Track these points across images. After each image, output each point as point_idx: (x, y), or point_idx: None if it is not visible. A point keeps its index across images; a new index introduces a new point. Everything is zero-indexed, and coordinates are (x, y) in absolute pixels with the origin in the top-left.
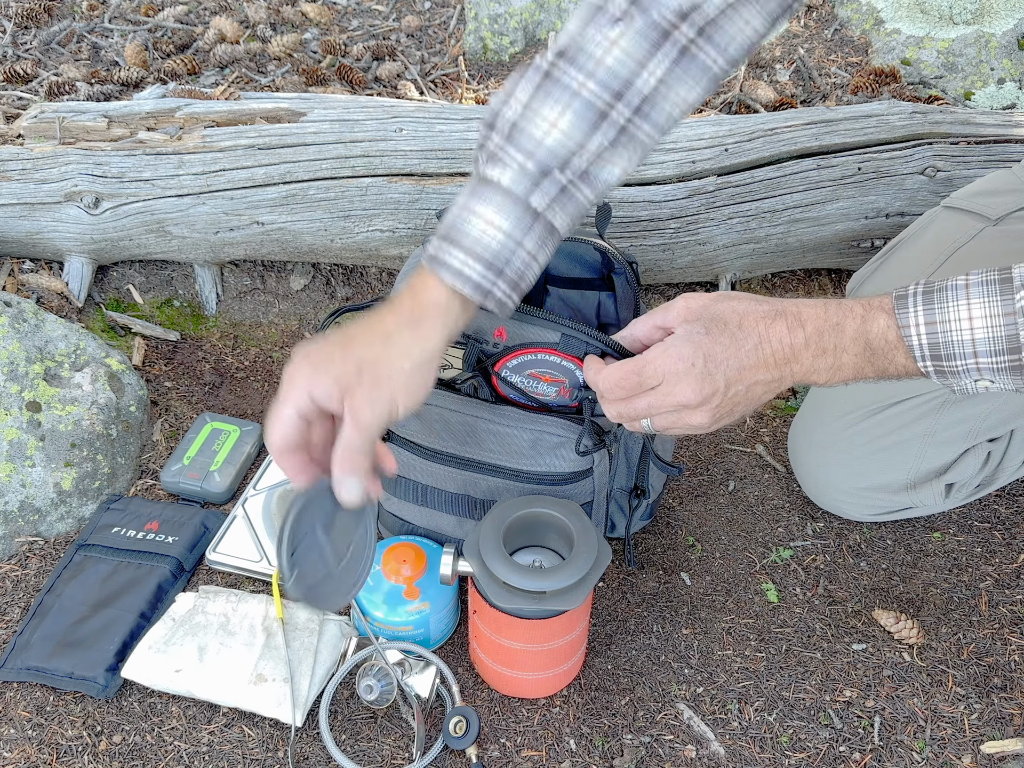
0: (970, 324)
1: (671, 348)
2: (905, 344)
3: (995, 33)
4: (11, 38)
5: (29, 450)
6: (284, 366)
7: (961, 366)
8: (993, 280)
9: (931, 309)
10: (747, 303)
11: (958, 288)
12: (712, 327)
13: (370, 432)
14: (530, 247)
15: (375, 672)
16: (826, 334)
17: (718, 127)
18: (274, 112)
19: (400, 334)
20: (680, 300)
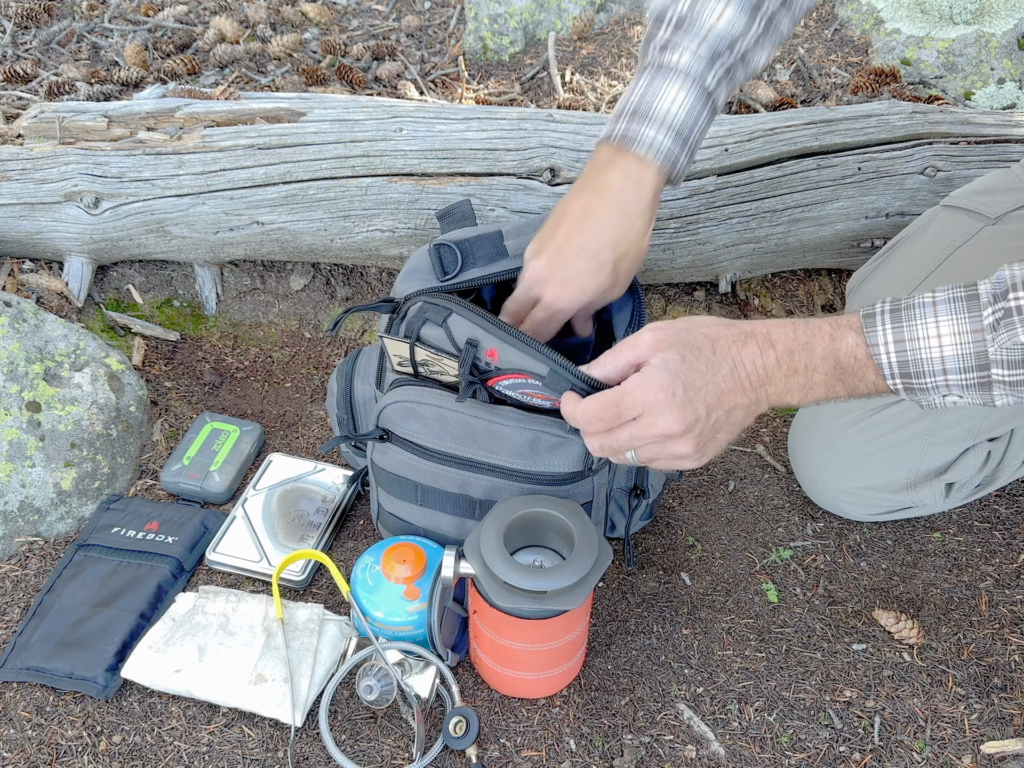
0: (939, 342)
1: (649, 378)
2: (874, 362)
3: (995, 33)
4: (11, 38)
5: (29, 450)
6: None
7: (931, 383)
8: (960, 297)
9: (899, 327)
10: (716, 328)
11: (925, 305)
12: (687, 354)
13: None
14: (702, 122)
15: (375, 672)
16: (796, 353)
17: (718, 127)
18: (274, 112)
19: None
20: (647, 332)
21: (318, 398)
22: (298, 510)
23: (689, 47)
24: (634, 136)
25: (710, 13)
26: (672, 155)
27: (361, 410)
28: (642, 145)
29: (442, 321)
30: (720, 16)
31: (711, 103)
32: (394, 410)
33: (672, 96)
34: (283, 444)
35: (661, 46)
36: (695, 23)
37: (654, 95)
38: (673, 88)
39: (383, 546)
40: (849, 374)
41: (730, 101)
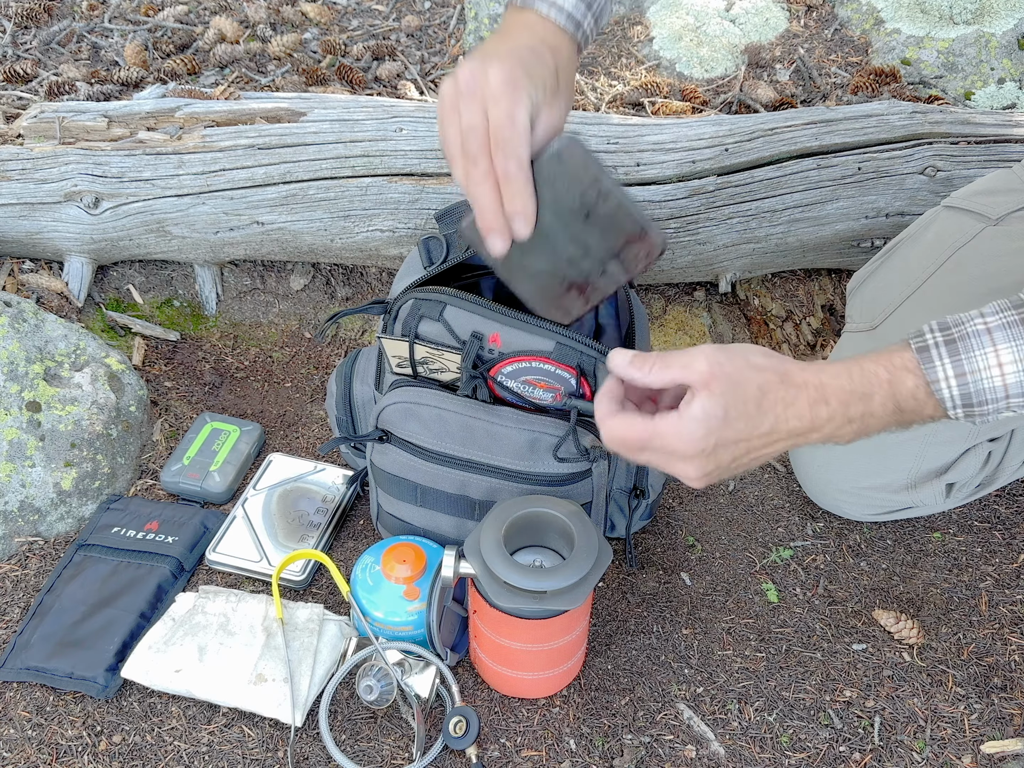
0: (1000, 371)
1: (684, 430)
2: (936, 398)
3: (995, 33)
4: (11, 38)
5: (29, 450)
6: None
7: (992, 408)
8: (1015, 322)
9: (958, 360)
10: (769, 375)
11: (981, 334)
12: (731, 409)
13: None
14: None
15: (375, 672)
16: (852, 405)
17: (718, 127)
18: (274, 112)
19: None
20: (702, 358)
21: (318, 398)
22: (298, 510)
23: None
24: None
25: None
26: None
27: (360, 411)
28: (542, 3)
29: (439, 315)
30: None
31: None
32: (393, 411)
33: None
34: (283, 444)
35: None
36: None
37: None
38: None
39: (383, 546)
40: (908, 413)
41: (730, 101)
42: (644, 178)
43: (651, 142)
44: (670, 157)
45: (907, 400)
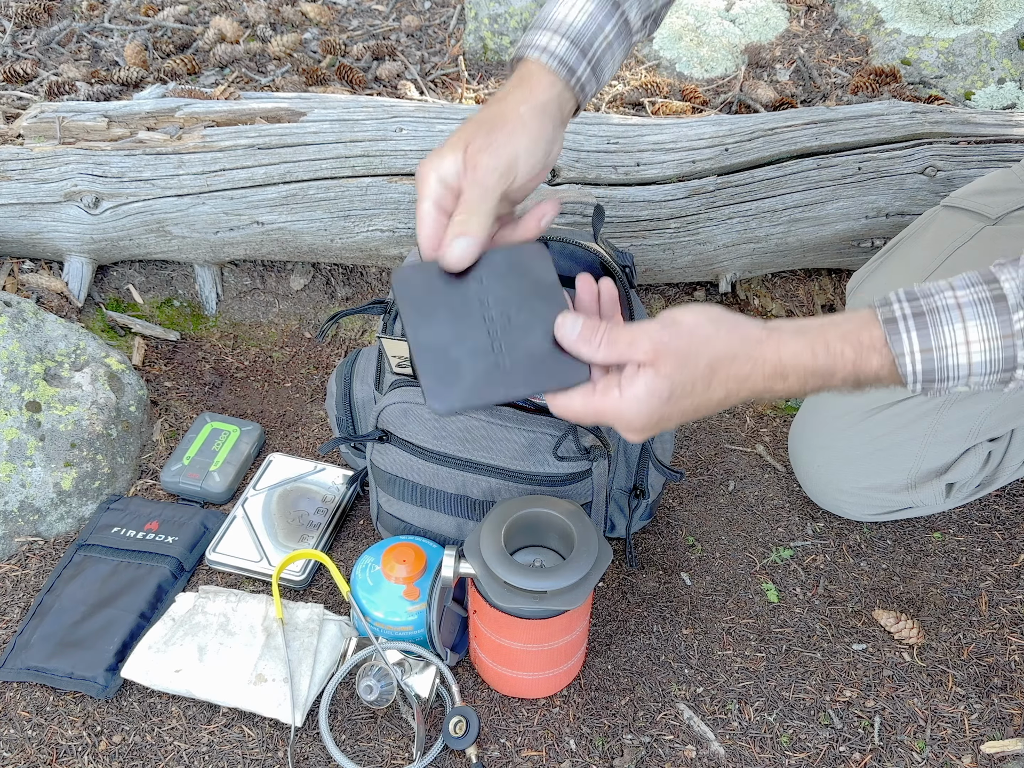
0: (967, 348)
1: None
2: (899, 372)
3: (995, 33)
4: (11, 38)
5: (29, 450)
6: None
7: (951, 384)
8: (987, 299)
9: (925, 333)
10: (720, 349)
11: (950, 308)
12: (676, 388)
13: (488, 179)
14: (610, 33)
15: (375, 672)
16: (810, 381)
17: (718, 127)
18: (274, 112)
19: (511, 92)
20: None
21: (318, 398)
22: (298, 510)
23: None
24: (529, 43)
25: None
26: (568, 61)
27: (360, 411)
28: (535, 50)
29: None
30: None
31: (620, 15)
32: (393, 411)
33: (571, 3)
34: (283, 444)
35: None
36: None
37: (555, 4)
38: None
39: (383, 546)
40: (865, 385)
41: (730, 101)
42: (644, 178)
43: (651, 142)
44: (670, 157)
45: (868, 378)
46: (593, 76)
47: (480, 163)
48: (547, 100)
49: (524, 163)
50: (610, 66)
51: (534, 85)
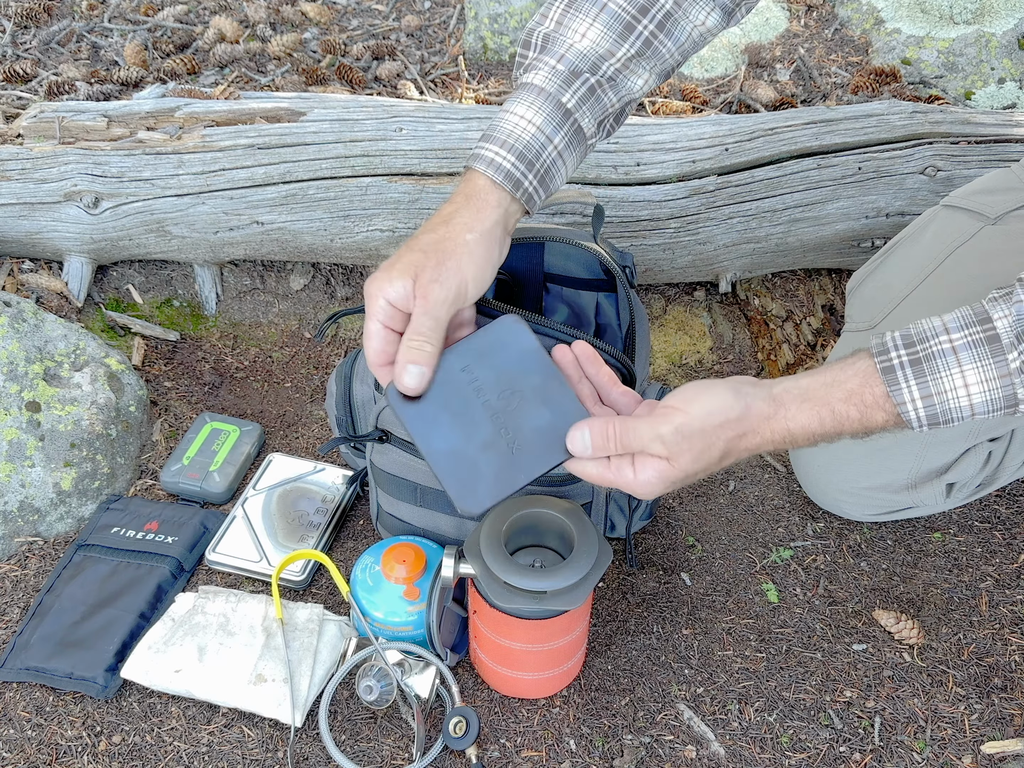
0: (967, 391)
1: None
2: (903, 419)
3: (995, 33)
4: (11, 38)
5: (29, 450)
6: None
7: (956, 423)
8: (980, 340)
9: (924, 382)
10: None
11: (946, 354)
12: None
13: (439, 309)
14: (559, 144)
15: (375, 672)
16: (817, 441)
17: (718, 127)
18: (274, 112)
19: (458, 213)
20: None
21: (318, 398)
22: (298, 510)
23: (547, 64)
24: (478, 155)
25: (574, 32)
26: (514, 175)
27: (360, 411)
28: (482, 162)
29: None
30: (583, 35)
31: (571, 125)
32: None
33: (520, 114)
34: (283, 444)
35: (525, 68)
36: (556, 42)
37: (504, 115)
38: (522, 107)
39: (383, 546)
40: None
41: (730, 101)
42: (644, 178)
43: (651, 142)
44: (670, 157)
45: (876, 429)
46: (541, 187)
47: (431, 294)
48: (493, 223)
49: (472, 288)
50: (561, 173)
51: (481, 206)
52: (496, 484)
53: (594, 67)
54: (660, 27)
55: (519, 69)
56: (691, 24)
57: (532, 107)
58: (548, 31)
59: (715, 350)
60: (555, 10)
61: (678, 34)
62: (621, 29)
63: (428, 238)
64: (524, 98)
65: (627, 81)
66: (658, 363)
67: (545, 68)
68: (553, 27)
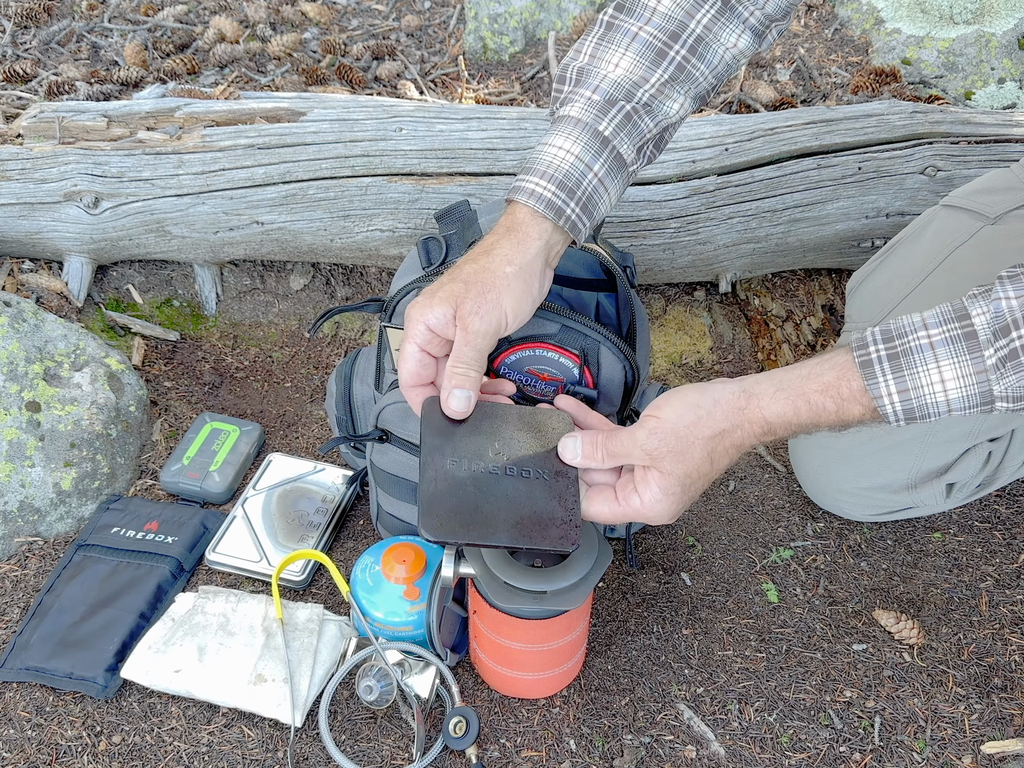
0: (943, 387)
1: (652, 507)
2: (880, 413)
3: (995, 33)
4: (11, 38)
5: (29, 450)
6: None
7: (932, 419)
8: (958, 337)
9: (901, 376)
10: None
11: (924, 349)
12: (685, 479)
13: (479, 341)
14: (599, 172)
15: (375, 672)
16: (796, 432)
17: (718, 127)
18: (274, 112)
19: (499, 244)
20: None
21: (318, 398)
22: (298, 510)
23: (583, 95)
24: (518, 187)
25: (607, 62)
26: (556, 204)
27: (360, 411)
28: (523, 194)
29: None
30: (617, 65)
31: (610, 152)
32: (393, 411)
33: (559, 145)
34: (283, 444)
35: (562, 102)
36: (591, 74)
37: (543, 147)
38: (560, 138)
39: (383, 546)
40: (851, 428)
41: (730, 101)
42: (644, 178)
43: None
44: (670, 157)
45: (852, 422)
46: (584, 214)
47: (471, 326)
48: (533, 256)
49: (512, 320)
50: (604, 201)
51: (522, 237)
52: (460, 528)
53: (629, 94)
54: (692, 51)
55: (555, 103)
56: (723, 47)
57: (570, 137)
58: (582, 65)
59: (715, 350)
60: (588, 44)
61: (710, 57)
62: (653, 56)
63: (469, 268)
64: (561, 130)
65: (663, 106)
66: (658, 363)
67: (580, 100)
68: (587, 61)
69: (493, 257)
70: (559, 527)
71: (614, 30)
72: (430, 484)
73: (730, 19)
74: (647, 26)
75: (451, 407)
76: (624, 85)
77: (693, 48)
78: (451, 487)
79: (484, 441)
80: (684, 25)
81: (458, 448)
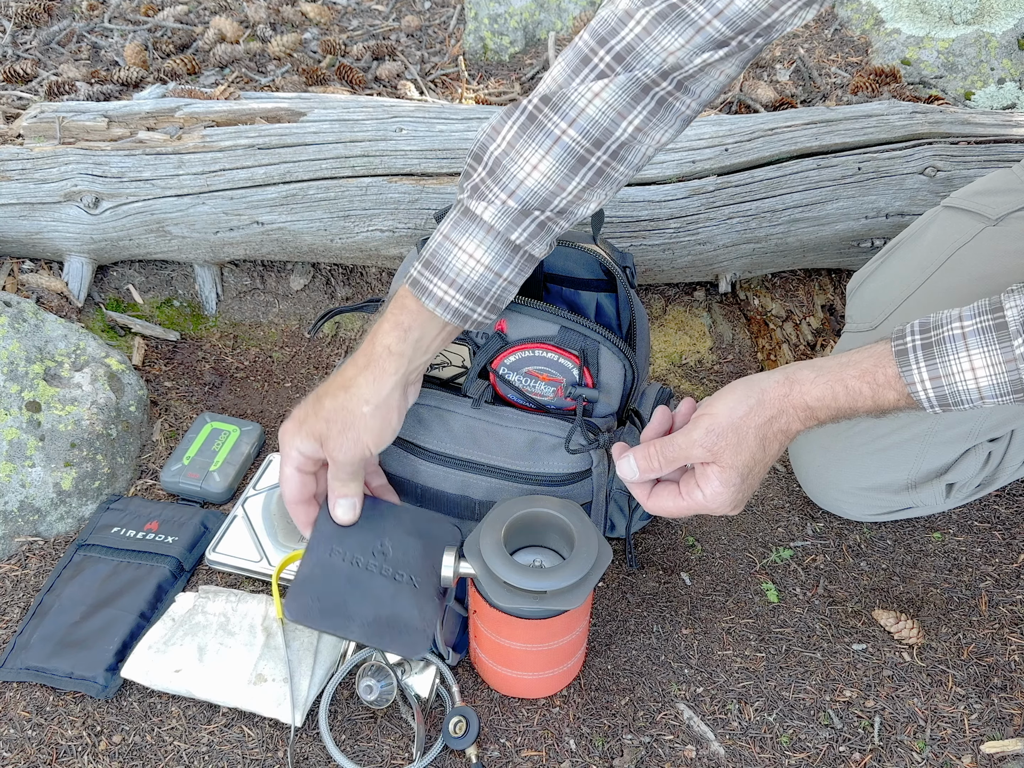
0: (974, 375)
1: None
2: (913, 400)
3: (995, 33)
4: (11, 38)
5: (29, 450)
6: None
7: (968, 406)
8: (989, 327)
9: (933, 364)
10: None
11: (956, 339)
12: (743, 468)
13: (348, 467)
14: (509, 276)
15: (375, 672)
16: (839, 417)
17: (718, 127)
18: (274, 112)
19: (357, 382)
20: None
21: None
22: None
23: (497, 198)
24: (425, 286)
25: (524, 163)
26: (462, 313)
27: None
28: (431, 299)
29: None
30: (534, 169)
31: (522, 255)
32: None
33: (470, 253)
34: None
35: (472, 187)
36: (507, 172)
37: (451, 247)
38: (471, 244)
39: None
40: (888, 414)
41: (730, 101)
42: (644, 178)
43: None
44: (670, 157)
45: (889, 407)
46: (492, 312)
47: (338, 459)
48: (389, 392)
49: (375, 449)
50: (513, 293)
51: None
52: (326, 615)
53: (544, 203)
54: (614, 156)
55: (467, 181)
56: (647, 145)
57: (481, 246)
58: (499, 154)
59: (715, 350)
60: (509, 129)
61: (632, 157)
62: (573, 163)
63: (330, 405)
64: (474, 234)
65: (578, 210)
66: (658, 363)
67: (496, 203)
68: (504, 148)
69: (351, 395)
70: (411, 634)
71: (536, 125)
72: (306, 569)
73: (663, 117)
74: (571, 129)
75: (338, 516)
76: (540, 194)
77: (615, 153)
78: (325, 576)
79: (371, 539)
80: (610, 132)
81: (345, 540)
